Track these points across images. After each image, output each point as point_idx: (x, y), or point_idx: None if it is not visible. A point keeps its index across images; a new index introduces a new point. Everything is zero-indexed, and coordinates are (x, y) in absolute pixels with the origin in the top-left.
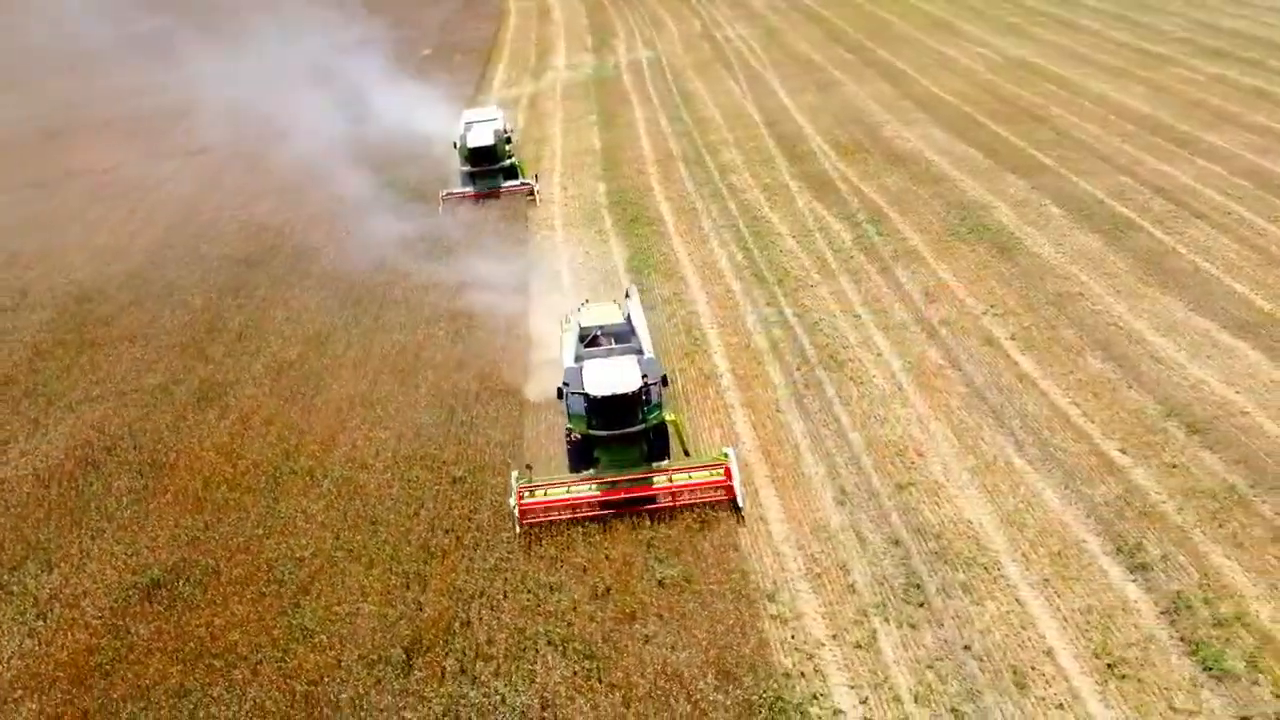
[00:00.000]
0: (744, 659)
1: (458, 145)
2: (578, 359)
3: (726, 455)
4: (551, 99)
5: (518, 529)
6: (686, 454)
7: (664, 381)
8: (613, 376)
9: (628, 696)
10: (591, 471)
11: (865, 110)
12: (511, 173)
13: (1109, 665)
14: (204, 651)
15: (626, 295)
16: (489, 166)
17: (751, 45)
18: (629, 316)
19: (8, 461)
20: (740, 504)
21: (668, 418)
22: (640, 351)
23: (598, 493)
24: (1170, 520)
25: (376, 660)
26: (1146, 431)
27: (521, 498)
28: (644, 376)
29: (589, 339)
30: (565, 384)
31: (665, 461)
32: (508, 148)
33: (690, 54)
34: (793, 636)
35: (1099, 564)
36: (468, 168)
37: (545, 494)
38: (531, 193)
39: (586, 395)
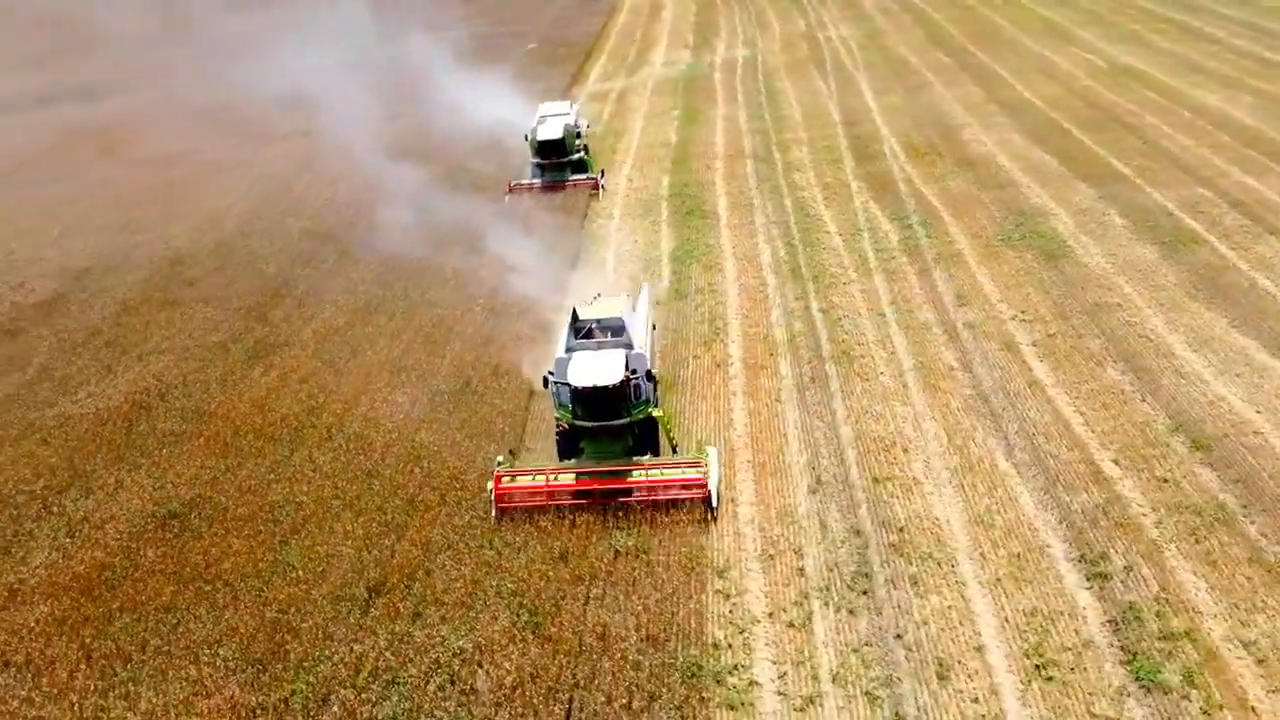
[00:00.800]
0: (676, 627)
1: (528, 138)
2: (568, 350)
3: (707, 455)
4: (640, 94)
5: (493, 513)
6: (674, 450)
7: (649, 377)
8: (596, 369)
9: (556, 649)
10: (574, 462)
11: (948, 113)
12: (580, 166)
13: (1037, 666)
14: (197, 576)
15: (641, 291)
16: (557, 159)
17: (850, 46)
18: (635, 311)
19: (77, 401)
20: (714, 504)
21: (655, 414)
22: (630, 346)
23: (575, 483)
24: (1145, 533)
25: (342, 597)
26: (1146, 444)
27: (500, 482)
28: (631, 371)
29: (584, 331)
30: (550, 373)
31: (646, 457)
32: (577, 142)
33: (787, 54)
34: (731, 611)
35: (1057, 569)
36: (537, 160)
37: (524, 480)
38: (596, 186)
39: (569, 386)
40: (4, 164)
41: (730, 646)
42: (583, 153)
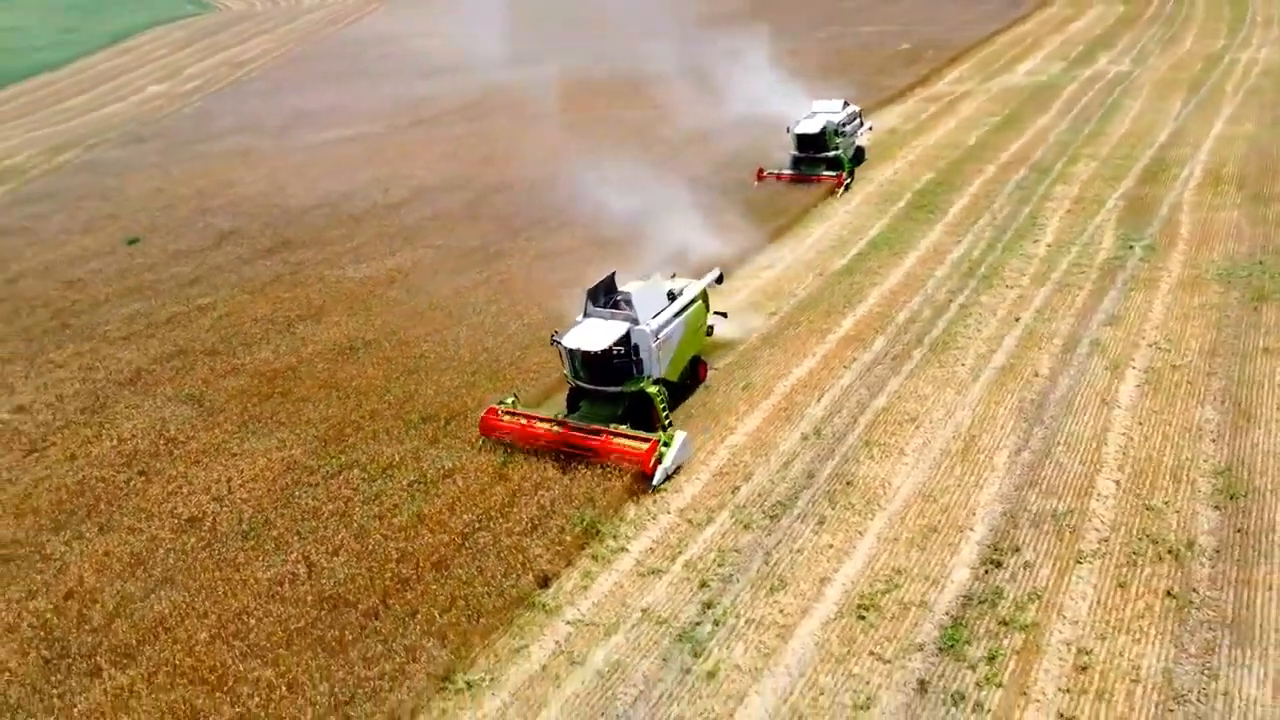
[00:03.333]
0: (600, 497)
1: (790, 130)
2: (585, 315)
3: (670, 439)
4: (976, 100)
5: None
6: (665, 427)
7: (635, 352)
8: (588, 336)
9: (499, 483)
10: (564, 415)
11: None
12: (835, 164)
13: (861, 606)
14: (334, 385)
15: (719, 280)
16: (813, 154)
17: (1251, 71)
18: (671, 292)
19: (357, 269)
20: (652, 481)
21: (650, 390)
22: (636, 322)
23: (545, 433)
24: (1078, 544)
25: (401, 418)
26: (1168, 475)
27: (491, 415)
28: (623, 344)
29: (611, 301)
30: (556, 333)
31: (624, 425)
32: (837, 139)
33: (1171, 72)
34: (654, 502)
35: (960, 547)
36: (795, 152)
37: (509, 419)
38: (840, 184)
39: (562, 345)
40: (439, 108)
41: (631, 523)
42: (839, 150)
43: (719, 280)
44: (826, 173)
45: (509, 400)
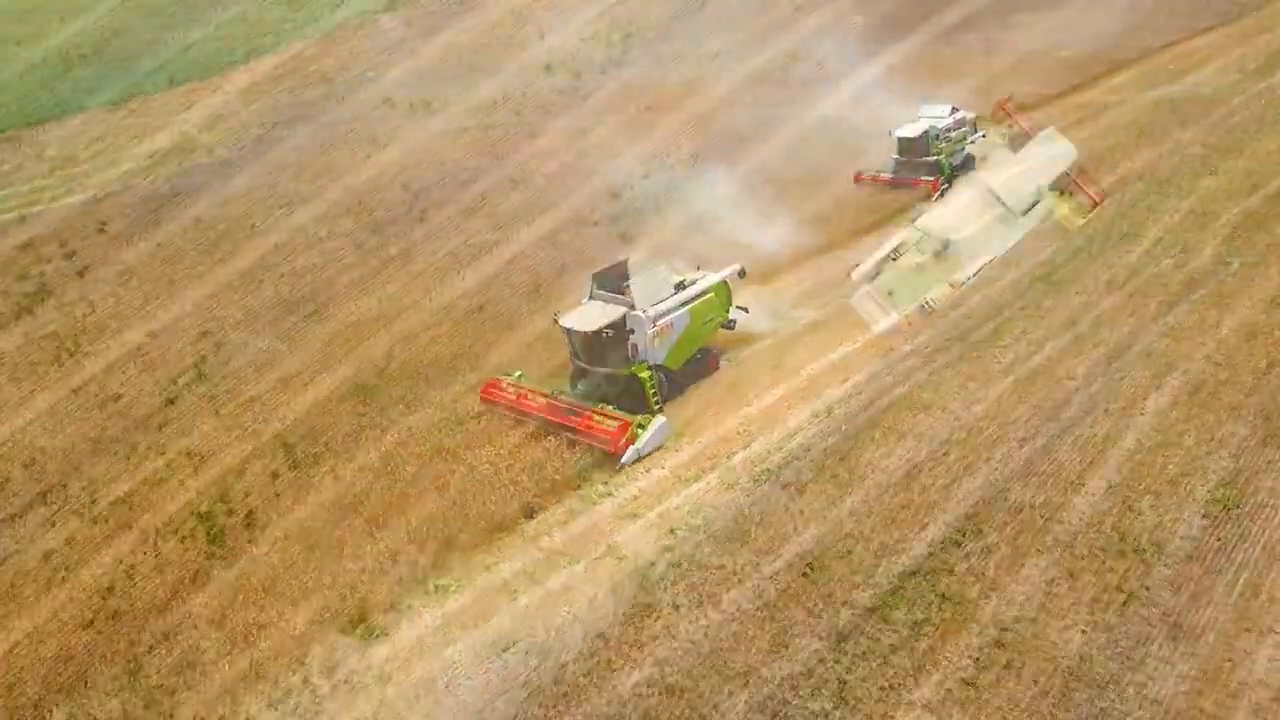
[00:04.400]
0: (595, 449)
1: (892, 133)
2: (590, 297)
3: (646, 422)
4: (1124, 109)
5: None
6: (655, 411)
7: (629, 334)
8: (583, 316)
9: (514, 426)
10: (563, 392)
11: None
12: (934, 169)
13: (807, 565)
14: (409, 335)
15: (740, 274)
16: (913, 158)
17: None
18: (679, 283)
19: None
20: (622, 461)
21: (642, 374)
22: (633, 307)
23: (534, 407)
24: (1045, 535)
25: (449, 362)
26: (1164, 480)
27: (496, 385)
28: (616, 326)
29: (615, 287)
30: (557, 312)
31: (610, 406)
32: (939, 145)
33: None
34: (652, 457)
35: (927, 526)
36: (895, 155)
37: (506, 392)
38: (936, 189)
39: (559, 324)
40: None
41: (625, 473)
42: (940, 156)
43: (741, 274)
44: (924, 177)
45: (515, 375)
